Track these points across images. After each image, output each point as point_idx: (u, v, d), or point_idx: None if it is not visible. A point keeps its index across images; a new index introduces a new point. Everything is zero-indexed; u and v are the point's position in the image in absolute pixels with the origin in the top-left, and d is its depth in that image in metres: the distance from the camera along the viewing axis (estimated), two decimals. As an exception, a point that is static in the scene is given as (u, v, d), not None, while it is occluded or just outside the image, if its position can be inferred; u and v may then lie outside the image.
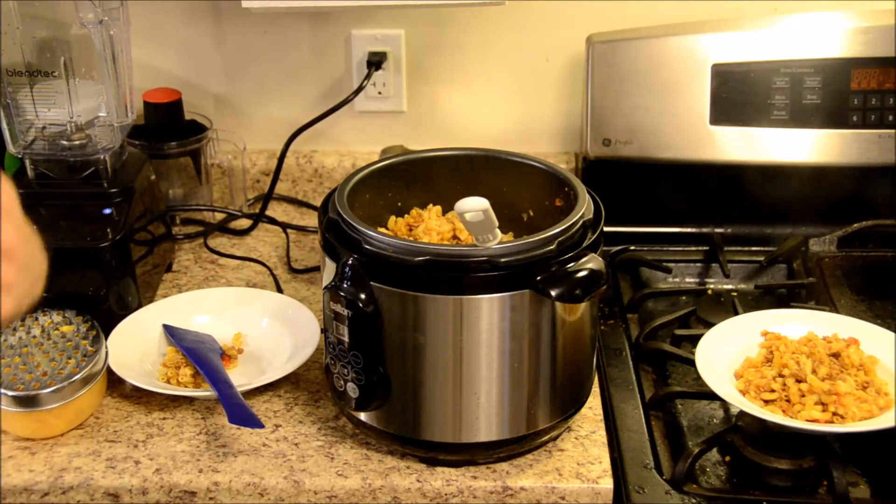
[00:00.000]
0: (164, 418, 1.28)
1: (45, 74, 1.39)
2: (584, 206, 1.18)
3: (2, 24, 1.35)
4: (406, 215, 1.32)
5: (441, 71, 1.74)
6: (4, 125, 1.40)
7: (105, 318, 1.35)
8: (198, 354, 1.33)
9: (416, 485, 1.18)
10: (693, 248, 1.62)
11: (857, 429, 1.15)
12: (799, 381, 1.19)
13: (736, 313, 1.39)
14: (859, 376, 1.21)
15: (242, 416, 1.21)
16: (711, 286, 1.58)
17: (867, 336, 1.27)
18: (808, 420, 1.16)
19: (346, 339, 1.14)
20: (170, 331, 1.38)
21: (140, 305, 1.43)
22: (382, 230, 1.23)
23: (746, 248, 1.61)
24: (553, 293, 1.09)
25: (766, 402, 1.19)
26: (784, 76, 1.55)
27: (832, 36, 1.54)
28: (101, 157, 1.41)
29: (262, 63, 1.75)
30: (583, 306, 1.17)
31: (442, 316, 1.12)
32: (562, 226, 1.13)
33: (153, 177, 1.54)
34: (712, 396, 1.25)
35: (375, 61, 1.70)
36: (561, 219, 1.15)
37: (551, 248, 1.11)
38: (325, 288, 1.15)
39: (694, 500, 1.15)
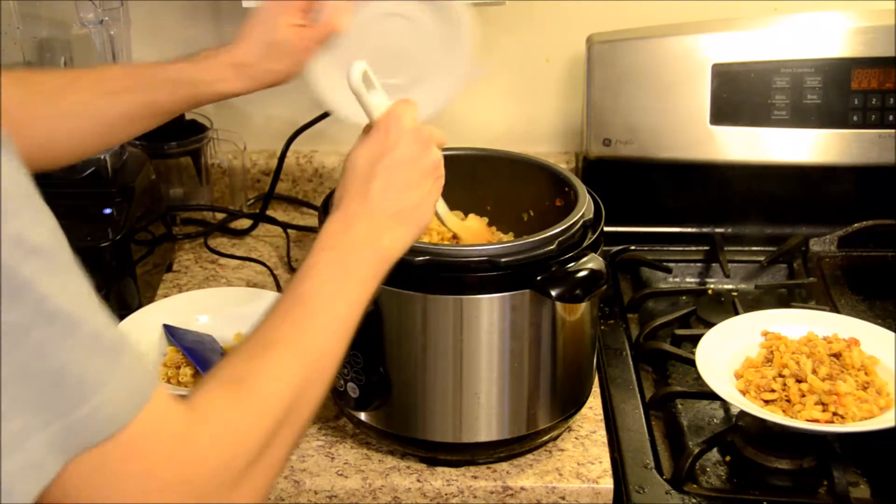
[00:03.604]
0: (164, 418, 1.28)
1: (46, 74, 1.39)
2: (585, 206, 1.18)
3: (2, 24, 1.35)
4: (406, 215, 1.32)
5: (441, 71, 1.74)
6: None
7: (105, 317, 1.34)
8: (198, 354, 1.32)
9: (417, 485, 1.18)
10: (693, 248, 1.62)
11: (857, 429, 1.15)
12: (799, 381, 1.19)
13: (736, 313, 1.39)
14: (860, 376, 1.21)
15: (243, 416, 1.21)
16: (711, 286, 1.58)
17: (867, 336, 1.27)
18: (808, 420, 1.16)
19: (346, 339, 1.14)
20: (170, 331, 1.38)
21: (140, 305, 1.42)
22: (382, 230, 1.23)
23: (746, 248, 1.61)
24: (553, 293, 1.09)
25: (767, 402, 1.19)
26: (784, 76, 1.55)
27: (832, 36, 1.54)
28: (102, 157, 1.41)
29: (263, 63, 1.74)
30: (583, 306, 1.17)
31: (442, 316, 1.12)
32: (562, 226, 1.13)
33: (153, 177, 1.54)
34: (712, 396, 1.25)
35: (376, 61, 1.70)
36: (561, 219, 1.15)
37: (551, 248, 1.11)
38: (326, 288, 1.14)
39: (694, 500, 1.14)
